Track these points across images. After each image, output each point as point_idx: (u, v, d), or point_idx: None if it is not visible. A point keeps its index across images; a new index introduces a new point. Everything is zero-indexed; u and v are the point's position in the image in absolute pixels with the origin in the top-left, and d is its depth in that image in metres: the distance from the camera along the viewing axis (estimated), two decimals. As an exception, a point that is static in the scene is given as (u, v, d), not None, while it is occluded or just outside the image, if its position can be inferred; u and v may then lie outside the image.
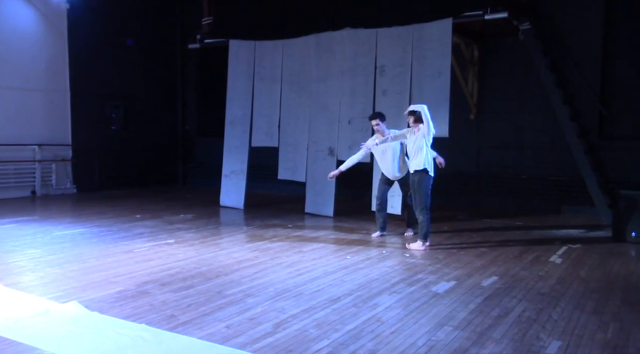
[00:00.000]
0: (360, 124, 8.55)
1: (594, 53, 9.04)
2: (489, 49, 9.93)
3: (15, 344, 3.37)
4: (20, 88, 10.66)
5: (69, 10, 11.23)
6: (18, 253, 5.88)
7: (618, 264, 5.70)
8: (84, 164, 11.61)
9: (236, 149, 9.90)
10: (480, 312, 4.07)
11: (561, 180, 9.30)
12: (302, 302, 4.27)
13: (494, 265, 5.58)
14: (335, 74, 8.85)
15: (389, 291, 4.59)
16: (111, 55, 12.08)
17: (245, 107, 9.79)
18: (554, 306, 4.23)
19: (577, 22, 9.09)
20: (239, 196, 9.74)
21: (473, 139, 10.14)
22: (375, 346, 3.38)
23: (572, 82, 9.08)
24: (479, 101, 10.10)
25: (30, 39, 10.79)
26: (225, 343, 3.42)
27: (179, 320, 3.83)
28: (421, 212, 6.27)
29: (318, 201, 8.94)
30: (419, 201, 6.29)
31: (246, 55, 9.83)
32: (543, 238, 7.16)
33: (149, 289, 4.57)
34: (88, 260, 5.60)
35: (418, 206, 6.33)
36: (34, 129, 10.88)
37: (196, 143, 13.84)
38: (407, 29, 8.18)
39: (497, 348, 3.38)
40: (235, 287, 4.67)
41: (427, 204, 6.24)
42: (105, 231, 7.20)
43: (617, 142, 8.95)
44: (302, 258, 5.81)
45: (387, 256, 5.98)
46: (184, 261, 5.59)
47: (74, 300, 4.20)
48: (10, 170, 10.54)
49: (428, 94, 7.90)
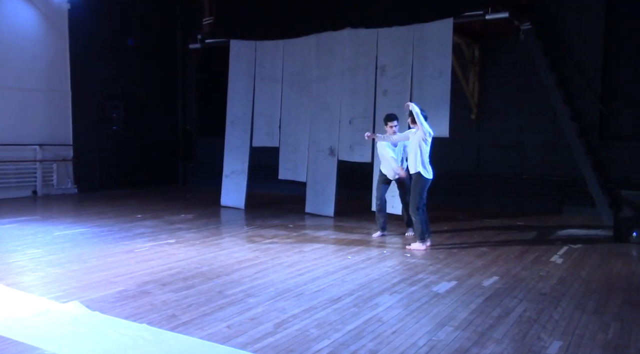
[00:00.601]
0: (361, 124, 8.55)
1: (595, 53, 9.03)
2: (490, 49, 9.93)
3: (16, 344, 3.37)
4: (22, 88, 10.67)
5: (70, 10, 11.25)
6: (19, 253, 5.88)
7: (619, 265, 5.70)
8: (84, 164, 11.62)
9: (237, 149, 9.91)
10: (481, 312, 4.07)
11: (562, 180, 9.30)
12: (303, 302, 4.27)
13: (494, 265, 5.58)
14: (335, 74, 8.85)
15: (390, 291, 4.59)
16: (112, 55, 12.09)
17: (246, 107, 9.80)
18: (555, 306, 4.23)
19: (577, 22, 9.09)
20: (239, 196, 9.75)
21: (474, 139, 10.14)
22: (376, 346, 3.38)
23: (572, 82, 9.08)
24: (480, 101, 10.10)
25: (31, 39, 10.80)
26: (226, 342, 3.42)
27: (180, 320, 3.83)
28: (413, 213, 6.29)
29: (318, 201, 8.94)
30: (411, 202, 6.33)
31: (247, 55, 9.83)
32: (544, 238, 7.16)
33: (149, 289, 4.57)
34: (89, 260, 5.60)
35: (410, 207, 6.36)
36: (35, 129, 10.89)
37: (197, 143, 13.85)
38: (408, 29, 8.18)
39: (498, 348, 3.38)
40: (236, 287, 4.67)
41: (418, 205, 6.24)
42: (106, 231, 7.20)
43: (617, 142, 8.95)
44: (302, 258, 5.81)
45: (388, 256, 5.98)
46: (185, 261, 5.59)
47: (74, 300, 4.21)
48: (11, 170, 10.55)
49: (429, 94, 7.91)
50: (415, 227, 6.38)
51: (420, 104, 7.91)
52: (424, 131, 6.13)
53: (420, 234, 6.32)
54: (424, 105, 7.87)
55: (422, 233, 6.31)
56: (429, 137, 6.20)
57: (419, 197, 6.23)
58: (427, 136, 6.17)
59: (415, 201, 6.24)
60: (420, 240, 6.33)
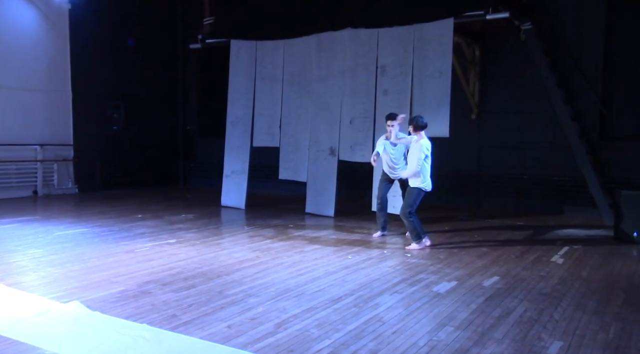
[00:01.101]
0: (361, 124, 8.55)
1: (595, 53, 9.03)
2: (490, 48, 9.93)
3: (16, 344, 3.37)
4: (22, 88, 10.67)
5: (70, 10, 11.26)
6: (20, 253, 5.88)
7: (620, 265, 5.70)
8: (85, 164, 11.62)
9: (237, 149, 9.91)
10: (482, 312, 4.07)
11: (562, 180, 9.30)
12: (304, 302, 4.27)
13: (495, 265, 5.58)
14: (336, 74, 8.85)
15: (390, 291, 4.59)
16: (112, 55, 12.10)
17: (247, 107, 9.80)
18: (556, 307, 4.23)
19: (578, 22, 9.09)
20: (240, 196, 9.75)
21: (474, 139, 10.14)
22: (376, 346, 3.38)
23: (573, 82, 9.07)
24: (480, 101, 10.10)
25: (32, 39, 10.81)
26: (226, 342, 3.42)
27: (180, 320, 3.83)
28: (404, 216, 6.31)
29: (319, 201, 8.94)
30: (404, 206, 6.35)
31: (247, 55, 9.83)
32: (544, 238, 7.16)
33: (150, 289, 4.58)
34: (89, 260, 5.60)
35: (401, 211, 6.37)
36: (36, 129, 10.90)
37: (197, 143, 13.85)
38: (408, 29, 8.18)
39: (498, 348, 3.37)
40: (236, 287, 4.67)
41: (411, 210, 6.26)
42: (107, 231, 7.20)
43: (618, 142, 8.95)
44: (303, 258, 5.81)
45: (388, 256, 5.98)
46: (185, 261, 5.59)
47: (75, 300, 4.21)
48: (12, 170, 10.57)
49: (429, 94, 7.90)
50: (409, 229, 6.40)
51: (421, 104, 7.96)
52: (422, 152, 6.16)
53: (415, 235, 6.34)
54: (424, 105, 7.91)
55: (417, 234, 6.33)
56: (424, 157, 6.18)
57: (412, 204, 6.28)
58: (423, 157, 6.17)
59: (407, 207, 6.28)
60: (416, 241, 6.34)
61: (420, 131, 6.25)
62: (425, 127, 6.29)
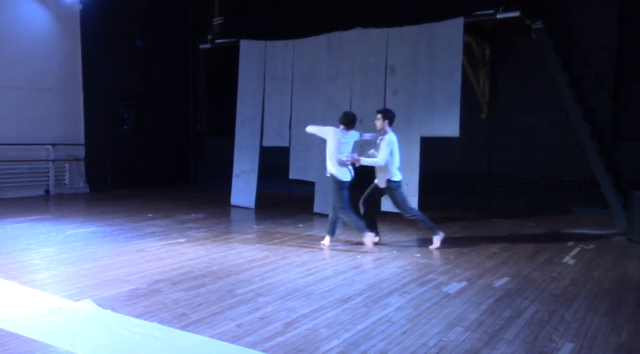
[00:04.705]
0: (371, 124, 8.52)
1: (608, 52, 8.93)
2: (501, 48, 9.86)
3: (29, 342, 3.41)
4: (34, 88, 10.78)
5: (81, 11, 11.33)
6: (32, 251, 5.94)
7: (632, 266, 5.63)
8: (96, 163, 11.71)
9: (247, 149, 9.93)
10: (492, 313, 4.04)
11: (574, 180, 9.21)
12: (313, 301, 4.27)
13: (505, 266, 5.54)
14: (345, 74, 8.84)
15: (400, 291, 4.58)
16: (123, 55, 12.18)
17: (256, 107, 9.82)
18: (567, 308, 4.19)
19: (590, 21, 9.00)
20: (249, 195, 9.77)
21: (484, 139, 10.08)
22: (386, 346, 3.38)
23: (585, 81, 8.98)
24: (491, 101, 10.03)
25: (44, 40, 10.91)
26: (235, 341, 3.44)
27: (190, 319, 3.85)
28: (344, 214, 6.25)
29: (327, 201, 8.91)
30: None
31: (257, 55, 9.85)
32: (555, 239, 7.10)
33: (160, 288, 4.60)
34: (101, 259, 5.65)
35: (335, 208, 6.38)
36: (48, 128, 11.00)
37: (207, 143, 13.91)
38: (418, 29, 8.14)
39: (508, 350, 3.35)
40: (246, 286, 4.69)
41: (344, 204, 6.23)
42: (118, 230, 7.26)
43: (631, 142, 8.84)
44: (312, 258, 5.82)
45: (398, 256, 5.97)
46: (195, 260, 5.62)
47: (87, 298, 4.24)
48: (24, 169, 10.69)
49: (439, 94, 7.87)
50: (352, 226, 6.34)
51: (431, 103, 7.93)
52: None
53: (358, 229, 6.26)
54: (435, 104, 7.88)
55: (359, 228, 6.23)
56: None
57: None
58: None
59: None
60: (361, 233, 6.23)
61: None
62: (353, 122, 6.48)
